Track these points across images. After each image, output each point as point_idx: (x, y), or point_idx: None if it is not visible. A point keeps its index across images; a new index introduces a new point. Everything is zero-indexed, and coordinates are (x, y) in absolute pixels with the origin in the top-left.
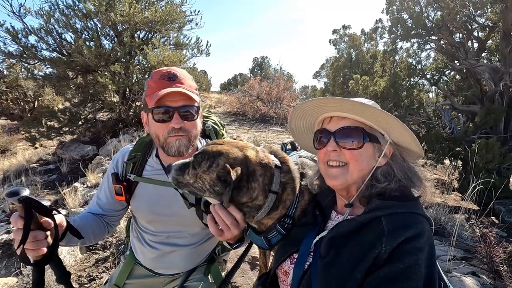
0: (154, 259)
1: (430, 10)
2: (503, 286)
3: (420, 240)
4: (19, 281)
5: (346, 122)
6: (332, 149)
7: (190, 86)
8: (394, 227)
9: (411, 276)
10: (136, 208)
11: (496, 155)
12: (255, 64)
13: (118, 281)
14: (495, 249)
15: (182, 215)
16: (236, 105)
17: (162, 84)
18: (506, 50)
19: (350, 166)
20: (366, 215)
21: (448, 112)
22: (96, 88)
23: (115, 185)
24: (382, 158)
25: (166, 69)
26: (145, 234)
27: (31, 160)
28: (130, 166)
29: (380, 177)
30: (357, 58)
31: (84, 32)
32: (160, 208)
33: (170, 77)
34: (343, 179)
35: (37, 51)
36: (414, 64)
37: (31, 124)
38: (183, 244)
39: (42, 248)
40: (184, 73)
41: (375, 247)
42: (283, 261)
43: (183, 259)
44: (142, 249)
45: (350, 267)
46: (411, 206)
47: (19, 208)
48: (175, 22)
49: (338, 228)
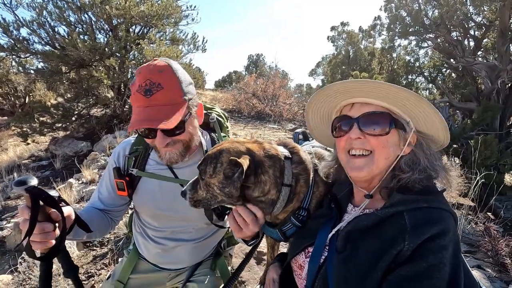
0: (158, 254)
1: (429, 8)
2: (508, 278)
3: (445, 237)
4: (14, 278)
5: (370, 107)
6: (355, 137)
7: (170, 97)
8: (417, 223)
9: (435, 275)
10: (139, 203)
11: (494, 152)
12: (250, 61)
13: (121, 277)
14: (499, 242)
15: (186, 210)
16: (231, 102)
17: (138, 100)
18: (502, 48)
19: (376, 154)
20: (386, 210)
21: (445, 109)
22: (90, 83)
23: (117, 179)
24: (407, 147)
25: (147, 74)
26: (148, 229)
27: (22, 157)
28: (132, 160)
29: (404, 167)
30: (355, 55)
31: (78, 26)
32: (164, 204)
33: (147, 90)
34: (368, 169)
35: (29, 44)
36: (412, 61)
37: (23, 120)
38: (188, 239)
39: (49, 241)
40: (167, 77)
41: (397, 243)
42: (298, 254)
43: (188, 253)
44: (146, 245)
45: (368, 263)
46: (435, 201)
47: (27, 198)
48: (171, 17)
49: (356, 222)
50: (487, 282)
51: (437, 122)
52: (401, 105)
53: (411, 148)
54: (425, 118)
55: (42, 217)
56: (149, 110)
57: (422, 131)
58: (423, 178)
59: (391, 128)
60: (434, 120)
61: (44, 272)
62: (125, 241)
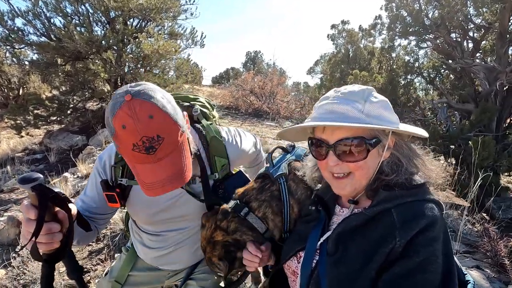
0: (156, 258)
1: (430, 8)
2: (507, 279)
3: (434, 228)
4: (8, 273)
5: (343, 131)
6: (333, 164)
7: (173, 141)
8: (405, 219)
9: (428, 269)
10: (133, 212)
11: (492, 153)
12: (248, 58)
13: (119, 276)
14: (498, 243)
15: (185, 212)
16: (229, 99)
17: (140, 158)
18: (501, 51)
19: (356, 175)
20: (374, 208)
21: (444, 110)
22: (86, 76)
23: (106, 193)
24: (386, 151)
25: (139, 129)
26: (145, 234)
27: (16, 149)
28: (119, 170)
29: (386, 170)
30: (355, 54)
31: (74, 17)
32: (160, 210)
33: (147, 148)
34: (351, 187)
35: (24, 35)
36: (411, 61)
37: (17, 112)
38: (187, 241)
39: (56, 241)
40: (161, 121)
41: (388, 241)
42: (289, 259)
43: (187, 255)
44: (143, 250)
45: (360, 263)
46: (419, 193)
47: (32, 196)
48: (169, 11)
49: (345, 224)
50: (486, 282)
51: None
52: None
53: (390, 151)
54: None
55: (49, 217)
56: (159, 167)
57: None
58: (405, 178)
59: (368, 153)
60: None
61: (47, 273)
62: (121, 237)
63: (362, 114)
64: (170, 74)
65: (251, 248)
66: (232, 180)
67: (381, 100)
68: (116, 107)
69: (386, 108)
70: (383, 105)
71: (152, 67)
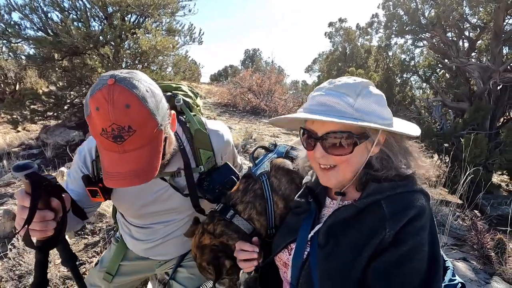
0: (145, 250)
1: (426, 7)
2: (492, 270)
3: (422, 218)
4: (4, 264)
5: (332, 124)
6: (320, 156)
7: (146, 135)
8: (394, 210)
9: (416, 257)
10: (119, 206)
11: (484, 150)
12: (246, 56)
13: (110, 268)
14: (485, 236)
15: (171, 206)
16: (227, 96)
17: (106, 145)
18: (496, 50)
19: (340, 169)
20: (364, 200)
21: (438, 108)
22: (83, 71)
23: (89, 188)
24: (375, 147)
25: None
26: (133, 227)
27: (12, 144)
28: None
29: (376, 165)
30: (352, 52)
31: (72, 12)
32: (146, 204)
33: (116, 136)
34: (336, 180)
35: (21, 29)
36: (407, 60)
37: (13, 107)
38: (176, 233)
39: (49, 229)
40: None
41: (378, 232)
42: (280, 251)
43: (176, 246)
44: (132, 241)
45: (351, 255)
46: (408, 184)
47: (26, 184)
48: (167, 7)
49: (336, 216)
50: (472, 273)
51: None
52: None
53: (379, 147)
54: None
55: (42, 204)
56: (124, 159)
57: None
58: (394, 173)
59: (354, 147)
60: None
61: (41, 260)
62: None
63: (352, 109)
64: (167, 71)
65: (245, 245)
66: (218, 172)
67: (376, 94)
68: (97, 88)
69: (380, 103)
70: (376, 100)
71: (149, 63)
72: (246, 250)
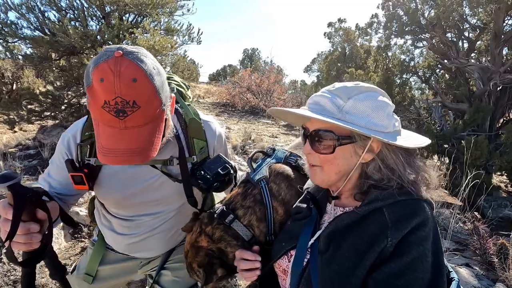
0: (128, 245)
1: (426, 7)
2: (495, 276)
3: (425, 228)
4: None
5: (320, 123)
6: (307, 152)
7: (149, 114)
8: (397, 218)
9: (419, 268)
10: (103, 194)
11: (484, 152)
12: (245, 55)
13: (89, 269)
14: (488, 241)
15: (161, 196)
16: (225, 96)
17: (107, 119)
18: (495, 51)
19: (324, 169)
20: (365, 207)
21: (438, 109)
22: (81, 71)
23: (72, 174)
24: (367, 154)
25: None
26: (116, 220)
27: (9, 145)
28: (86, 148)
29: (374, 176)
30: (351, 52)
31: (69, 11)
32: (135, 192)
33: (118, 111)
34: (320, 179)
35: (17, 28)
36: (407, 60)
37: (10, 107)
38: (162, 227)
39: (34, 242)
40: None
41: (380, 240)
42: (280, 258)
43: (162, 242)
44: (113, 237)
45: (352, 262)
46: (411, 192)
47: (9, 196)
48: (166, 7)
49: (337, 222)
50: (475, 280)
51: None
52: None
53: (372, 156)
54: None
55: (27, 216)
56: (124, 136)
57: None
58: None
59: (336, 147)
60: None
61: (27, 274)
62: None
63: (338, 110)
64: (166, 71)
65: (246, 254)
66: (211, 162)
67: (377, 100)
68: (102, 59)
69: (377, 110)
70: (373, 106)
71: None
72: (248, 259)
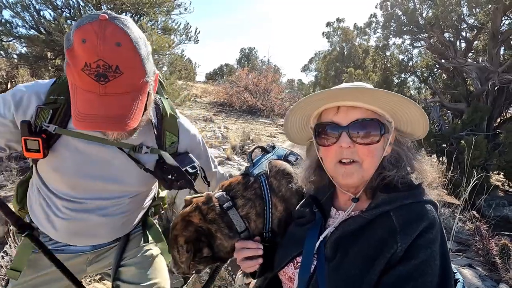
0: (69, 231)
1: (424, 7)
2: (498, 277)
3: (433, 230)
4: None
5: (358, 113)
6: (347, 146)
7: (131, 82)
8: (405, 222)
9: (427, 271)
10: (55, 168)
11: (483, 152)
12: (242, 55)
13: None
14: (490, 242)
15: (123, 180)
16: (223, 95)
17: (86, 83)
18: (493, 51)
19: (364, 164)
20: (372, 212)
21: (436, 109)
22: None
23: (27, 137)
24: (388, 146)
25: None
26: (60, 201)
27: None
28: (47, 113)
29: (388, 165)
30: (350, 52)
31: (65, 10)
32: (92, 172)
33: (99, 75)
34: (358, 175)
35: (12, 27)
36: (405, 60)
37: None
38: (117, 212)
39: None
40: (127, 56)
41: (389, 245)
42: (286, 265)
43: (111, 229)
44: (53, 221)
45: (361, 268)
46: (417, 194)
47: None
48: (163, 5)
49: (343, 227)
50: (478, 281)
51: (422, 121)
52: (389, 108)
53: (391, 147)
54: (409, 119)
55: None
56: (103, 102)
57: (401, 129)
58: (405, 174)
59: (382, 136)
60: (419, 119)
61: None
62: None
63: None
64: (163, 70)
65: (248, 243)
66: (181, 160)
67: None
68: (85, 21)
69: None
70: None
71: None
72: (250, 247)
